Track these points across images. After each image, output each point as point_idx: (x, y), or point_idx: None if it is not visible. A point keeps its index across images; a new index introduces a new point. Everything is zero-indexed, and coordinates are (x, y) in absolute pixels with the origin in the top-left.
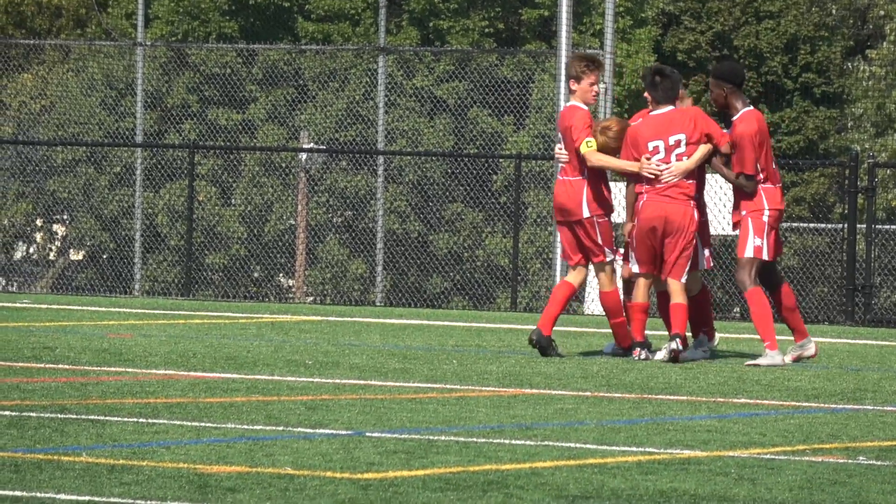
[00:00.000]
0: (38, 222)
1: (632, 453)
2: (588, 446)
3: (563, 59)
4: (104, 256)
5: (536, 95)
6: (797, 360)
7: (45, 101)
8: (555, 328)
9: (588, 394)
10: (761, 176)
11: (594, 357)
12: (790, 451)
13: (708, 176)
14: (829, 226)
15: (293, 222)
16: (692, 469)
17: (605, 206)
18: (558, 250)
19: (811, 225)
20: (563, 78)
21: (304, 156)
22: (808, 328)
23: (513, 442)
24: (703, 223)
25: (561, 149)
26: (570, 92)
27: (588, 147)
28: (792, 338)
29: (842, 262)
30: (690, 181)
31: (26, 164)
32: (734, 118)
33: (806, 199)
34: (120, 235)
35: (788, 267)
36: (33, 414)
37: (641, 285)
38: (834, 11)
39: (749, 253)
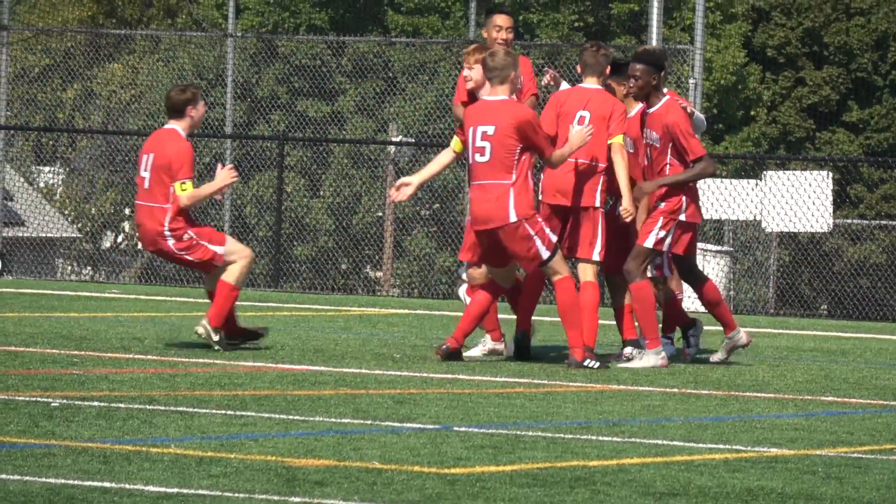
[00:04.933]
0: (127, 212)
1: (719, 451)
2: (675, 443)
3: None
4: None
5: None
6: (731, 351)
7: (135, 91)
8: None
9: (675, 390)
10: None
11: (680, 354)
12: (878, 449)
13: None
14: None
15: (381, 214)
16: (779, 467)
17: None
18: None
19: None
20: None
21: (392, 148)
22: None
23: (600, 438)
24: None
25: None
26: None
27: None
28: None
29: None
30: None
31: (115, 154)
32: (654, 108)
33: None
34: (208, 226)
35: (876, 264)
36: (122, 405)
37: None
38: None
39: (650, 244)
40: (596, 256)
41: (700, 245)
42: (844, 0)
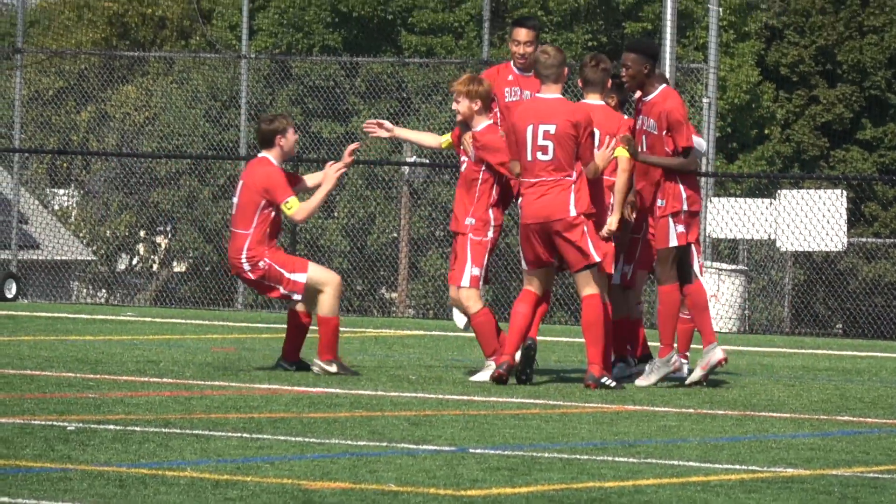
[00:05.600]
0: (141, 234)
1: (735, 471)
2: (691, 464)
3: (667, 73)
4: (207, 269)
5: None
6: (708, 371)
7: (149, 113)
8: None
9: (691, 411)
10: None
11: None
12: (894, 469)
13: None
14: None
15: (396, 235)
16: (795, 487)
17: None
18: None
19: None
20: None
21: (406, 169)
22: None
23: (616, 459)
24: None
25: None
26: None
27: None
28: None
29: None
30: None
31: (130, 176)
32: (650, 97)
33: None
34: (223, 248)
35: (891, 282)
36: (137, 428)
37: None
38: None
39: (674, 242)
40: (609, 268)
41: (715, 264)
42: (858, 18)
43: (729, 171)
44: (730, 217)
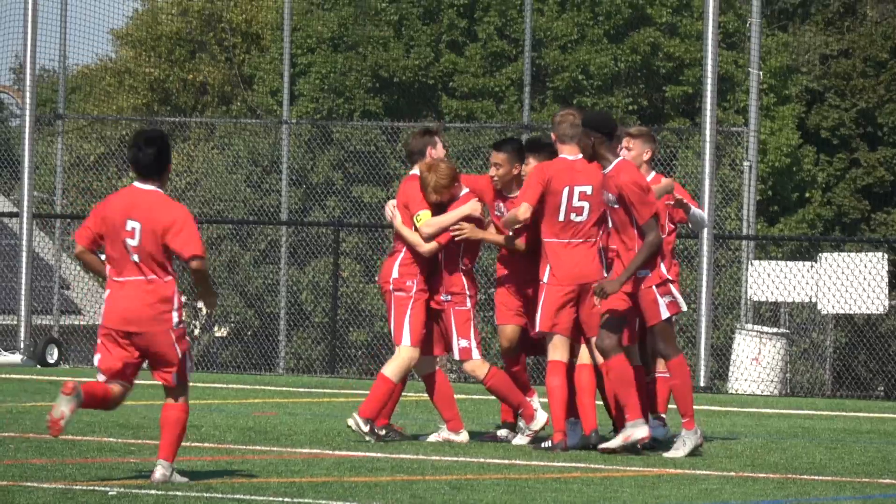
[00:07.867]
0: (182, 299)
1: None
2: None
3: (708, 137)
4: (248, 333)
5: (680, 172)
6: (628, 442)
7: (191, 178)
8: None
9: (732, 474)
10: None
11: (738, 437)
12: None
13: None
14: None
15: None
16: None
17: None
18: (703, 326)
19: None
20: (707, 155)
21: None
22: None
23: None
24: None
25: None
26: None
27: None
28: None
29: None
30: None
31: None
32: (607, 170)
33: None
34: (264, 312)
35: None
36: (179, 493)
37: None
38: None
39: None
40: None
41: (756, 327)
42: None
43: (770, 233)
44: (771, 280)
